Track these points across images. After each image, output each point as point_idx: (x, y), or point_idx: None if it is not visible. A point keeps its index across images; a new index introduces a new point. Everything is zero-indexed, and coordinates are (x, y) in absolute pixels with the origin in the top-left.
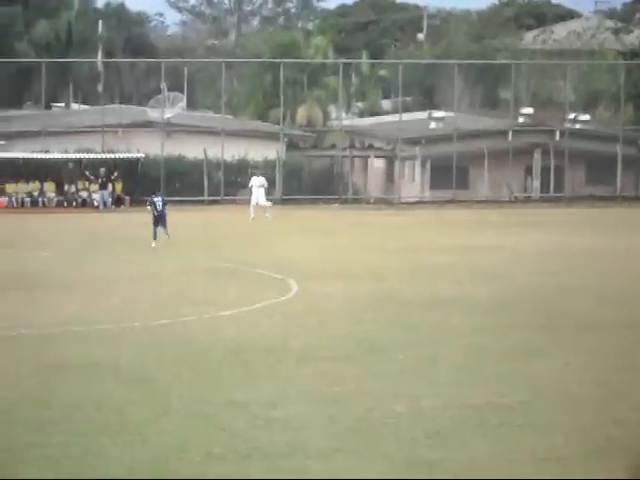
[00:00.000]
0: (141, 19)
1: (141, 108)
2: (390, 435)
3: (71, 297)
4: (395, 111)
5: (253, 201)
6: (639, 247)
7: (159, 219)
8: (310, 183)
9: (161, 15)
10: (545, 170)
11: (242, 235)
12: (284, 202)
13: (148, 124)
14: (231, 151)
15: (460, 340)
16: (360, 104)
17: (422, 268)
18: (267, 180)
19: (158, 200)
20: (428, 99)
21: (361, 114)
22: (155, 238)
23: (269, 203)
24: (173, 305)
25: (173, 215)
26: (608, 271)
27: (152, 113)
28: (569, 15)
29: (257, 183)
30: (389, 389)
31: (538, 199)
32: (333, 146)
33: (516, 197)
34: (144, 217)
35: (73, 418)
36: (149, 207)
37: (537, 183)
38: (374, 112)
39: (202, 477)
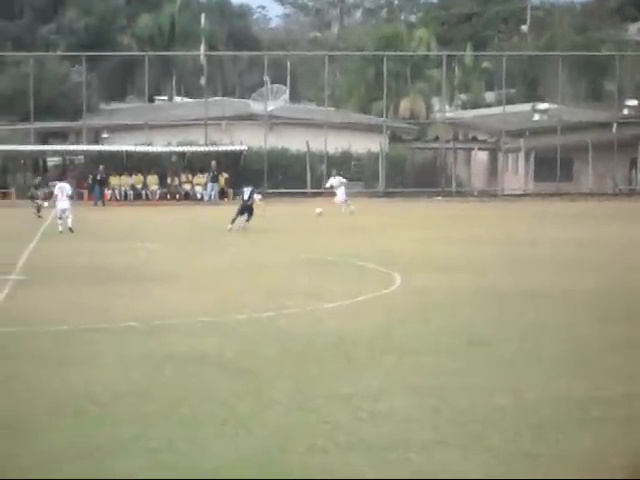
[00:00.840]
0: (244, 12)
1: (244, 101)
2: (493, 428)
3: (177, 289)
4: (498, 103)
5: (341, 198)
6: None
7: (244, 209)
8: (413, 176)
9: (264, 8)
10: None
11: (345, 227)
12: (387, 195)
13: (251, 117)
14: (334, 143)
15: (561, 333)
16: (463, 96)
17: (524, 260)
18: (370, 172)
19: (246, 191)
20: (532, 91)
21: (464, 106)
22: (232, 223)
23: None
24: (276, 297)
25: (276, 207)
26: None
27: (255, 106)
28: None
29: (337, 183)
30: (491, 382)
31: None
32: (436, 138)
33: (620, 190)
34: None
35: (177, 410)
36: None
37: None
38: (477, 104)
39: (305, 469)
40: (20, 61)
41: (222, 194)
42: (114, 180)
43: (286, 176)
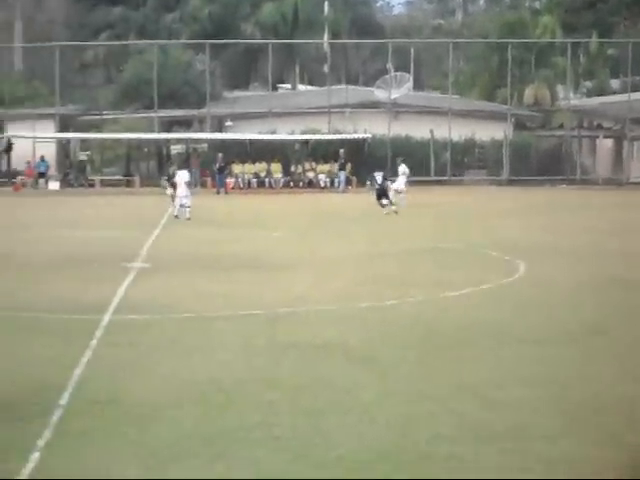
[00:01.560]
0: None
1: (367, 89)
2: (618, 418)
3: (300, 277)
4: (624, 90)
5: (395, 186)
6: None
7: (380, 192)
8: (537, 163)
9: None
10: None
11: (468, 215)
12: (510, 183)
13: (375, 105)
14: (457, 131)
15: None
16: (588, 83)
17: None
18: (494, 160)
19: (378, 175)
20: None
21: (589, 94)
22: (383, 207)
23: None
24: (399, 286)
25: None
26: None
27: (379, 94)
28: None
29: (401, 171)
30: (615, 372)
31: None
32: (561, 126)
33: None
34: (372, 198)
35: (300, 398)
36: (369, 182)
37: None
38: (602, 91)
39: (429, 458)
40: (144, 49)
41: (347, 182)
42: (237, 168)
43: (409, 164)
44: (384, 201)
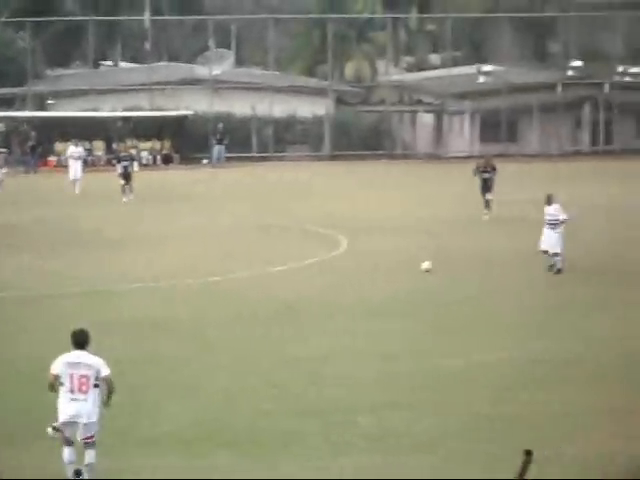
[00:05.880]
0: None
1: (189, 65)
2: (445, 390)
3: (123, 254)
4: (444, 65)
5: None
6: None
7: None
8: (358, 139)
9: None
10: (595, 123)
11: (290, 191)
12: (333, 158)
13: (196, 81)
14: (280, 107)
15: (515, 295)
16: (408, 59)
17: (471, 222)
18: (316, 136)
19: None
20: (477, 53)
21: (410, 69)
22: None
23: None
24: (224, 262)
25: (222, 172)
26: None
27: (200, 70)
28: None
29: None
30: (445, 345)
31: (588, 152)
32: (382, 101)
33: (565, 151)
34: (195, 174)
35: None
36: None
37: (587, 136)
38: (423, 67)
39: (251, 431)
40: None
41: (166, 159)
42: (60, 147)
43: (232, 140)
44: None
